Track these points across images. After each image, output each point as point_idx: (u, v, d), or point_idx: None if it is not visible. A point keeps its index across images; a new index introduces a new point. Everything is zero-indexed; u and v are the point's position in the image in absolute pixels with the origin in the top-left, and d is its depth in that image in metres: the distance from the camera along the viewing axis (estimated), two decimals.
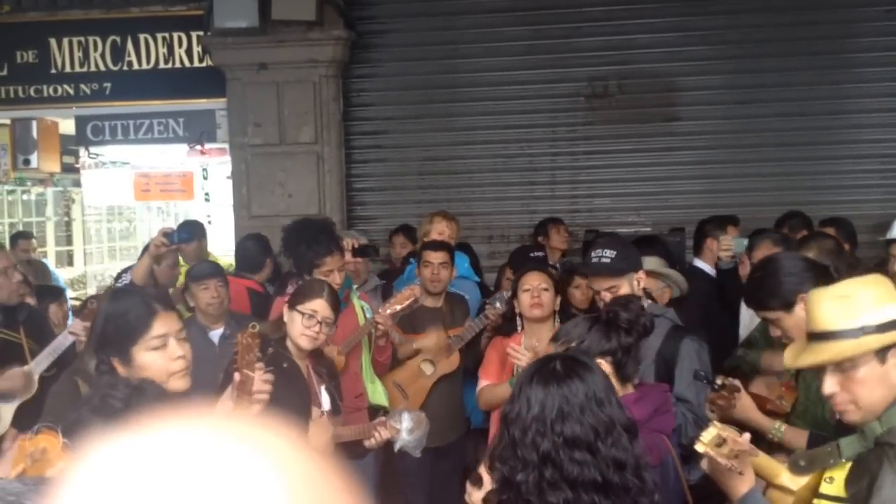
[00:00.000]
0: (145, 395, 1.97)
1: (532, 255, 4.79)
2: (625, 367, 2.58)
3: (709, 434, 2.09)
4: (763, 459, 2.20)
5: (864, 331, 1.94)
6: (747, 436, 2.15)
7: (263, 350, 2.73)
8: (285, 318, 3.37)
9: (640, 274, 3.31)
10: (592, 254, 3.31)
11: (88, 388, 2.10)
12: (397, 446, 3.36)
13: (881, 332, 1.93)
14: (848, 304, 1.98)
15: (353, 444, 3.35)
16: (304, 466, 0.61)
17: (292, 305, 3.36)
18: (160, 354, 2.36)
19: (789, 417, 2.86)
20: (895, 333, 1.94)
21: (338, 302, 3.51)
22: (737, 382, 2.77)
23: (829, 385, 2.00)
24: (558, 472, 1.95)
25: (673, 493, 2.55)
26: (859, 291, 2.00)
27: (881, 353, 1.94)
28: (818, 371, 2.59)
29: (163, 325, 2.39)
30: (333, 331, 3.52)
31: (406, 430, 3.30)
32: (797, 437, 2.63)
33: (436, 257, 4.57)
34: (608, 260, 3.22)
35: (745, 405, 2.71)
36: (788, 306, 2.70)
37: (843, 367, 1.97)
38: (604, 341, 2.57)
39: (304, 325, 3.30)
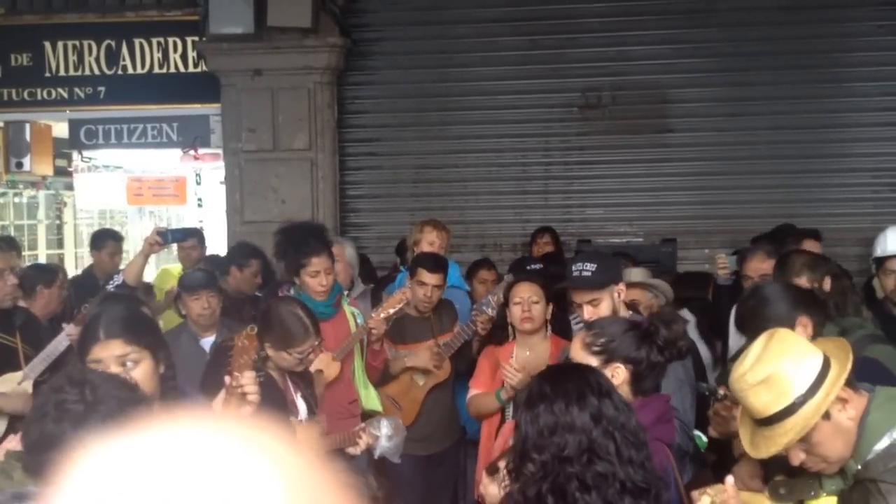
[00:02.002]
0: (99, 387, 1.94)
1: (529, 266, 4.79)
2: (642, 381, 2.59)
3: None
4: (746, 495, 2.22)
5: (797, 403, 1.97)
6: (730, 480, 2.15)
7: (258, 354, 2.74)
8: (270, 354, 3.26)
9: (621, 286, 3.35)
10: (573, 267, 3.37)
11: (35, 398, 2.07)
12: (377, 453, 3.38)
13: (812, 393, 1.97)
14: (772, 386, 2.00)
15: (337, 453, 3.35)
16: (301, 468, 0.62)
17: (280, 347, 3.24)
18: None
19: None
20: (828, 390, 1.96)
21: (317, 320, 3.45)
22: None
23: (795, 457, 2.04)
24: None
25: (673, 502, 2.56)
26: (777, 367, 2.01)
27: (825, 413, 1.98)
28: None
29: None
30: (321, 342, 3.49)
31: (385, 436, 3.33)
32: None
33: (432, 279, 4.46)
34: (589, 273, 3.27)
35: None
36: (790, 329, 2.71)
37: (801, 439, 2.01)
38: (633, 348, 2.57)
39: (296, 361, 3.29)
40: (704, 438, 3.29)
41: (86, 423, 1.87)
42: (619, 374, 2.55)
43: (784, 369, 1.99)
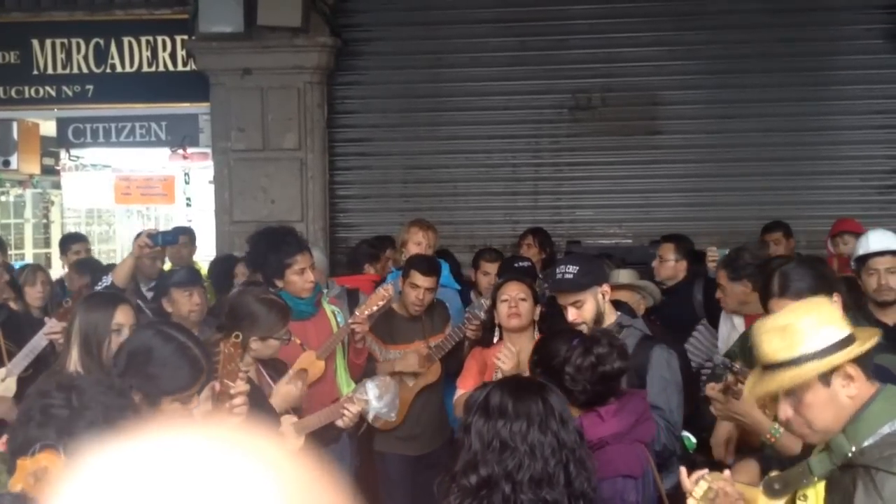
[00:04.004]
0: (85, 392, 1.94)
1: (517, 265, 4.78)
2: (586, 401, 2.60)
3: (700, 489, 2.13)
4: (741, 487, 2.22)
5: (803, 359, 2.00)
6: (727, 473, 2.19)
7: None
8: (255, 347, 3.23)
9: (605, 287, 3.37)
10: (557, 270, 3.43)
11: (22, 402, 2.06)
12: (370, 416, 3.26)
13: (820, 357, 1.99)
14: (785, 336, 2.04)
15: (326, 429, 3.27)
16: (296, 471, 0.61)
17: (266, 337, 3.24)
18: (184, 407, 2.40)
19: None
20: (834, 357, 1.99)
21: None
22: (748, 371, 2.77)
23: (783, 411, 2.08)
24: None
25: (651, 502, 2.56)
26: (797, 320, 2.05)
27: (824, 377, 2.00)
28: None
29: (199, 383, 2.43)
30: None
31: (374, 398, 3.19)
32: (793, 440, 2.62)
33: (425, 282, 4.45)
34: (571, 276, 3.31)
35: (748, 399, 2.71)
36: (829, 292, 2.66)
37: (793, 393, 2.04)
38: (558, 379, 2.58)
39: (279, 345, 3.31)
40: (693, 440, 3.29)
41: (70, 428, 1.85)
42: None
43: (801, 325, 2.03)
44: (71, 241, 6.49)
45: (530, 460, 2.04)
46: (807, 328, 2.03)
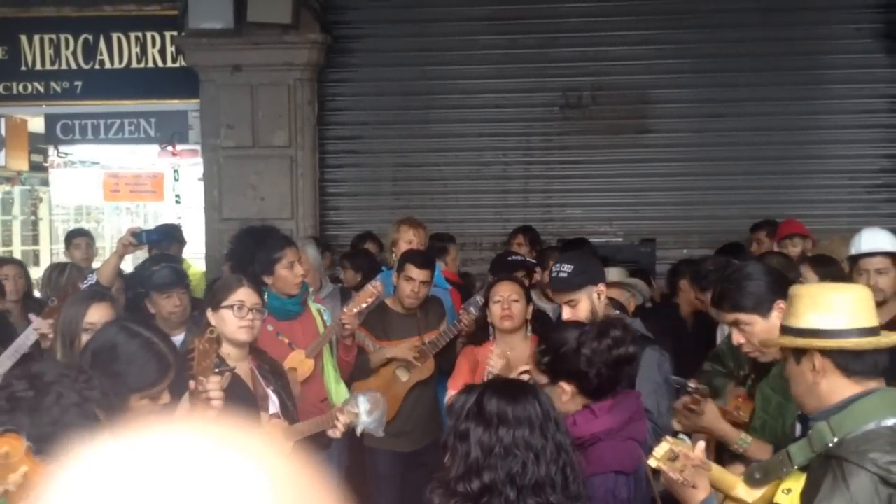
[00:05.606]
0: (46, 374, 1.94)
1: (510, 258, 4.78)
2: (596, 390, 2.60)
3: (661, 449, 2.13)
4: (718, 472, 2.22)
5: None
6: (701, 445, 2.18)
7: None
8: (214, 323, 3.17)
9: (601, 287, 3.36)
10: (552, 268, 3.43)
11: None
12: (359, 430, 3.26)
13: (795, 335, 2.08)
14: (790, 303, 2.14)
15: (317, 437, 3.26)
16: (286, 467, 0.61)
17: (216, 307, 3.20)
18: (152, 404, 2.38)
19: (747, 430, 2.86)
20: (803, 341, 2.06)
21: (259, 287, 3.40)
22: (706, 389, 2.80)
23: (785, 368, 2.23)
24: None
25: (644, 501, 2.56)
26: (803, 296, 2.12)
27: (796, 354, 2.09)
28: (775, 386, 2.64)
29: (167, 379, 2.41)
30: (265, 316, 3.41)
31: (365, 412, 3.19)
32: (762, 449, 2.63)
33: (420, 275, 4.44)
34: (565, 274, 3.31)
35: (712, 413, 2.73)
36: (765, 311, 2.68)
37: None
38: (575, 364, 2.57)
39: (236, 317, 3.17)
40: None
41: (40, 407, 1.84)
42: (566, 391, 2.57)
43: (800, 302, 2.09)
44: (74, 235, 6.46)
45: (534, 465, 2.05)
46: (798, 306, 2.09)
